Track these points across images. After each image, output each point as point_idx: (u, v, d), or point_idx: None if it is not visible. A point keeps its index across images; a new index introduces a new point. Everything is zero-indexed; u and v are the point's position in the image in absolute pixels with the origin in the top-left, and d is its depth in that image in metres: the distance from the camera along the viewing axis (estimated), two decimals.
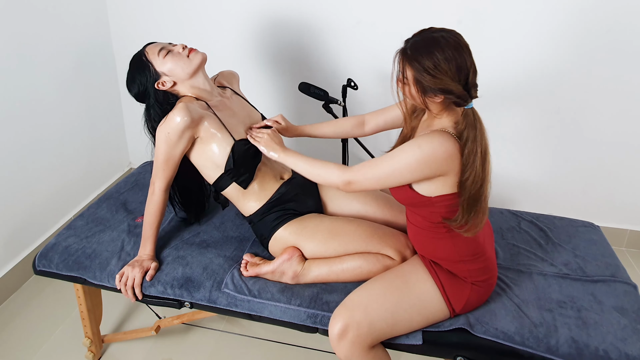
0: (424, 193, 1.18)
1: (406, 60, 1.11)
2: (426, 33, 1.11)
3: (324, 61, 2.27)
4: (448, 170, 1.12)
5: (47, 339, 1.83)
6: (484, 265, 1.25)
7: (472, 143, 1.09)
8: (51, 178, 2.20)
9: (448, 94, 1.09)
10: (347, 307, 1.22)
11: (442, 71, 1.06)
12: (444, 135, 1.12)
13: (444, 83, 1.07)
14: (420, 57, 1.08)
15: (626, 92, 2.03)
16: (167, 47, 1.44)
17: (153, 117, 1.47)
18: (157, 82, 1.44)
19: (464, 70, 1.08)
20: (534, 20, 1.98)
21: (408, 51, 1.10)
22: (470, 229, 1.16)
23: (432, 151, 1.10)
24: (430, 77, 1.07)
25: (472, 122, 1.11)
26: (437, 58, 1.06)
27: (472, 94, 1.11)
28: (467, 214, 1.14)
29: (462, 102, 1.11)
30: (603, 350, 1.18)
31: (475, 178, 1.10)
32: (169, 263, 1.48)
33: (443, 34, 1.09)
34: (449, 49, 1.07)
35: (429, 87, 1.09)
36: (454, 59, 1.07)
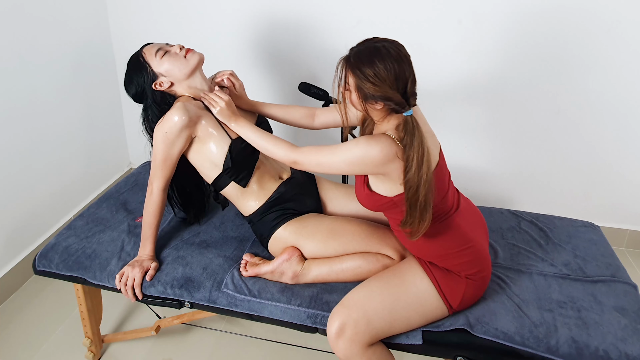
0: (382, 193, 1.22)
1: (349, 68, 1.15)
2: (369, 42, 1.16)
3: (324, 61, 2.27)
4: (388, 171, 1.17)
5: (47, 339, 1.83)
6: (473, 258, 1.27)
7: (410, 149, 1.14)
8: (51, 178, 2.20)
9: (387, 101, 1.14)
10: (345, 306, 1.23)
11: (382, 79, 1.11)
12: (384, 138, 1.16)
13: (383, 91, 1.12)
14: (361, 65, 1.12)
15: (626, 92, 2.03)
16: (164, 48, 1.44)
17: (151, 117, 1.47)
18: (155, 82, 1.44)
19: (403, 79, 1.13)
20: (533, 20, 1.98)
21: (351, 59, 1.15)
22: (413, 235, 1.19)
23: (368, 152, 1.15)
24: (370, 84, 1.12)
25: (411, 129, 1.15)
26: (377, 67, 1.11)
27: (410, 102, 1.16)
28: (409, 217, 1.17)
29: (400, 109, 1.16)
30: (603, 350, 1.18)
31: (412, 183, 1.14)
32: (169, 263, 1.48)
33: (385, 44, 1.14)
34: (389, 59, 1.11)
35: (369, 94, 1.14)
36: (393, 69, 1.11)
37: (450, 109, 2.23)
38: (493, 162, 2.32)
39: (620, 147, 2.14)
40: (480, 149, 2.31)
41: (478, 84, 2.15)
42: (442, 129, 2.26)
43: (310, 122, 1.56)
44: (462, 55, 2.11)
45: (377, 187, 1.23)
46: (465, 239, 1.27)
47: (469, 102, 2.21)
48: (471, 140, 2.29)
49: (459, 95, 2.20)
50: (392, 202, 1.21)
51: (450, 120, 2.26)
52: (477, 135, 2.28)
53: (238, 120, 1.39)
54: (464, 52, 2.11)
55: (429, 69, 2.15)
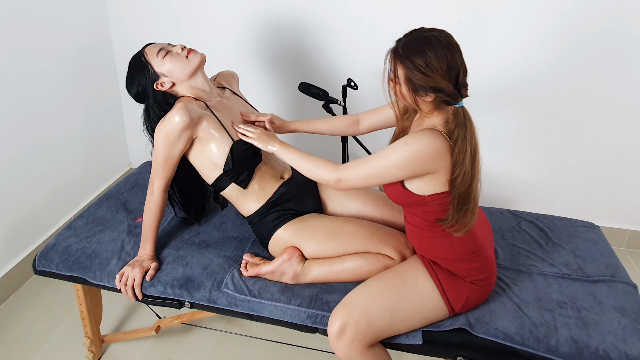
0: (416, 192, 1.18)
1: (397, 59, 1.12)
2: (417, 32, 1.12)
3: (324, 61, 2.27)
4: (437, 168, 1.13)
5: (47, 339, 1.83)
6: (482, 264, 1.26)
7: (462, 142, 1.11)
8: (51, 178, 2.20)
9: (439, 92, 1.10)
10: (346, 306, 1.22)
11: (434, 69, 1.08)
12: (433, 133, 1.13)
13: (435, 81, 1.09)
14: (411, 56, 1.09)
15: (626, 93, 2.03)
16: (166, 48, 1.44)
17: (152, 117, 1.47)
18: (156, 82, 1.43)
19: (455, 69, 1.10)
20: (533, 21, 1.98)
21: (400, 50, 1.11)
22: (460, 229, 1.17)
23: (420, 149, 1.11)
24: (421, 75, 1.08)
25: (462, 121, 1.12)
26: (428, 56, 1.07)
27: (463, 93, 1.13)
28: (457, 212, 1.15)
29: (453, 101, 1.12)
30: (603, 350, 1.18)
31: (465, 176, 1.11)
32: (169, 263, 1.48)
33: (434, 33, 1.10)
34: (440, 48, 1.08)
35: (420, 86, 1.10)
36: (445, 58, 1.08)
37: None
38: (493, 162, 2.32)
39: (620, 147, 2.14)
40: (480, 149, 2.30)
41: (478, 84, 2.14)
42: None
43: (355, 129, 1.54)
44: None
45: (413, 185, 1.18)
46: (478, 247, 1.25)
47: (469, 102, 2.19)
48: None
49: None
50: (423, 201, 1.19)
51: None
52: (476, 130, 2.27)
53: (281, 143, 1.36)
54: (463, 52, 2.10)
55: None
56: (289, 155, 1.33)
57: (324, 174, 1.25)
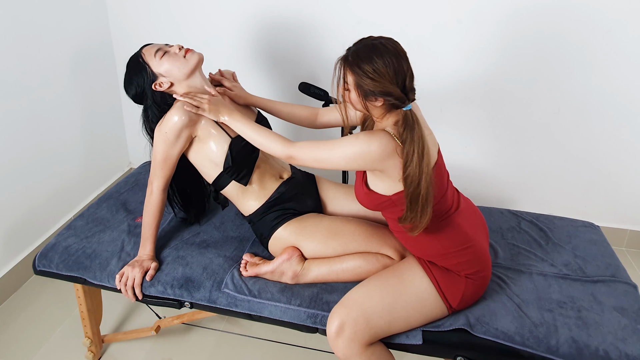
0: (380, 192, 1.22)
1: (347, 67, 1.16)
2: (366, 40, 1.17)
3: (324, 61, 2.27)
4: (386, 168, 1.17)
5: (47, 339, 1.83)
6: (473, 257, 1.27)
7: (410, 143, 1.14)
8: (51, 178, 2.20)
9: (387, 96, 1.14)
10: (344, 305, 1.23)
11: (381, 75, 1.12)
12: (382, 134, 1.17)
13: (383, 86, 1.13)
14: (360, 63, 1.13)
15: (626, 92, 2.03)
16: (163, 48, 1.44)
17: (151, 118, 1.47)
18: (155, 83, 1.43)
19: (402, 74, 1.14)
20: (533, 20, 1.98)
21: (349, 58, 1.16)
22: (414, 229, 1.19)
23: (368, 147, 1.16)
24: (370, 80, 1.13)
25: (411, 124, 1.15)
26: (376, 63, 1.12)
27: (410, 97, 1.17)
28: (410, 212, 1.17)
29: (400, 104, 1.16)
30: (603, 351, 1.18)
31: (413, 177, 1.14)
32: (169, 263, 1.48)
33: (381, 40, 1.15)
34: (387, 55, 1.12)
35: (369, 91, 1.14)
36: (392, 64, 1.12)
37: (450, 109, 2.23)
38: (493, 162, 2.32)
39: (620, 147, 2.13)
40: (480, 149, 2.31)
41: (478, 84, 2.15)
42: (442, 129, 2.26)
43: (312, 122, 1.57)
44: (462, 55, 2.11)
45: (376, 185, 1.23)
46: (466, 239, 1.27)
47: (469, 102, 2.21)
48: (471, 141, 2.29)
49: (459, 95, 2.20)
50: (390, 201, 1.22)
51: (450, 120, 2.26)
52: (477, 135, 2.28)
53: (232, 114, 1.38)
54: (463, 52, 2.11)
55: (429, 69, 2.15)
56: (242, 127, 1.36)
57: (276, 148, 1.29)
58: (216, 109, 1.39)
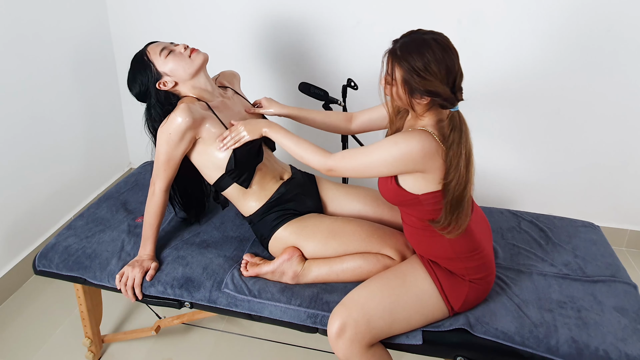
0: (410, 190, 1.19)
1: (396, 61, 1.11)
2: (416, 34, 1.11)
3: (324, 61, 2.27)
4: (426, 168, 1.14)
5: (47, 339, 1.83)
6: (481, 263, 1.26)
7: (457, 146, 1.11)
8: (51, 178, 2.20)
9: (435, 96, 1.10)
10: (345, 306, 1.23)
11: (432, 73, 1.07)
12: (423, 134, 1.13)
13: (432, 85, 1.08)
14: (410, 58, 1.08)
15: (627, 93, 2.03)
16: (168, 47, 1.44)
17: (154, 117, 1.47)
18: (159, 82, 1.43)
19: (453, 73, 1.09)
20: (534, 21, 1.98)
21: (398, 52, 1.10)
22: (453, 231, 1.18)
23: (408, 149, 1.11)
24: (419, 78, 1.08)
25: (458, 125, 1.12)
26: (427, 59, 1.07)
27: (459, 97, 1.13)
28: (450, 215, 1.15)
29: (449, 105, 1.12)
30: (603, 351, 1.18)
31: (459, 180, 1.11)
32: (169, 263, 1.48)
33: (433, 36, 1.10)
34: (439, 51, 1.07)
35: (417, 89, 1.10)
36: (444, 61, 1.07)
37: None
38: (493, 162, 2.32)
39: (620, 147, 2.14)
40: (480, 149, 2.31)
41: (478, 84, 2.15)
42: None
43: (348, 126, 1.54)
44: (462, 56, 2.09)
45: (407, 183, 1.19)
46: (476, 245, 1.25)
47: (469, 102, 2.19)
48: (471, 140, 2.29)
49: None
50: (417, 200, 1.19)
51: None
52: (477, 136, 2.26)
53: (271, 126, 1.36)
54: (464, 52, 2.08)
55: None
56: (281, 138, 1.33)
57: (315, 161, 1.26)
58: (254, 129, 1.37)
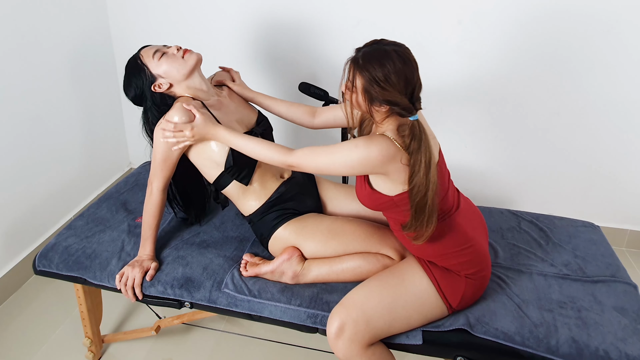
0: (382, 191, 1.21)
1: (357, 69, 1.13)
2: (378, 45, 1.14)
3: (324, 61, 2.27)
4: (387, 171, 1.17)
5: (47, 339, 1.83)
6: (473, 257, 1.27)
7: (417, 153, 1.13)
8: (51, 178, 2.20)
9: (394, 105, 1.13)
10: (344, 306, 1.23)
11: (391, 84, 1.10)
12: (382, 139, 1.15)
13: (391, 95, 1.11)
14: (371, 68, 1.11)
15: (626, 92, 2.03)
16: (161, 50, 1.44)
17: (151, 119, 1.47)
18: (154, 84, 1.43)
19: (412, 84, 1.12)
20: (533, 20, 1.98)
21: (360, 60, 1.13)
22: (418, 238, 1.19)
23: (366, 153, 1.15)
24: (379, 88, 1.11)
25: (418, 134, 1.14)
26: (387, 70, 1.09)
27: (417, 106, 1.15)
28: (415, 221, 1.17)
29: (407, 114, 1.15)
30: (603, 351, 1.18)
31: (420, 187, 1.13)
32: (169, 263, 1.48)
33: (395, 47, 1.12)
34: (399, 63, 1.10)
35: (376, 98, 1.13)
36: (404, 73, 1.10)
37: (450, 109, 2.23)
38: (493, 162, 2.32)
39: (620, 147, 2.13)
40: (481, 149, 2.31)
41: (478, 84, 2.15)
42: (442, 129, 2.26)
43: (310, 120, 1.56)
44: (462, 56, 2.11)
45: (378, 185, 1.22)
46: (466, 239, 1.26)
47: (469, 103, 2.21)
48: (471, 141, 2.29)
49: (459, 96, 2.20)
50: (392, 202, 1.21)
51: (450, 121, 2.26)
52: (477, 136, 2.28)
53: (217, 134, 1.34)
54: (464, 52, 2.11)
55: (429, 69, 2.15)
56: (234, 140, 1.32)
57: (276, 157, 1.28)
58: (200, 136, 1.35)
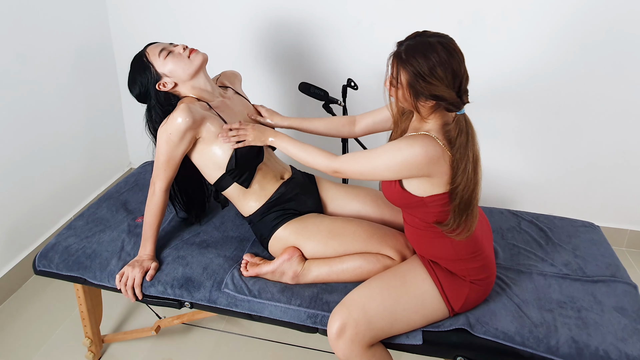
0: (415, 192, 1.18)
1: (401, 64, 1.09)
2: (421, 37, 1.10)
3: (324, 61, 2.27)
4: (431, 173, 1.13)
5: (47, 339, 1.83)
6: (482, 264, 1.26)
7: (464, 149, 1.10)
8: (51, 178, 2.20)
9: (440, 100, 1.09)
10: (345, 306, 1.23)
11: (438, 77, 1.06)
12: (426, 139, 1.12)
13: (438, 89, 1.07)
14: (415, 62, 1.07)
15: (626, 93, 2.03)
16: (168, 48, 1.44)
17: (154, 118, 1.47)
18: (159, 83, 1.43)
19: (459, 77, 1.08)
20: (534, 21, 1.98)
21: (403, 55, 1.09)
22: (462, 233, 1.17)
23: (411, 155, 1.11)
24: (425, 83, 1.07)
25: (464, 129, 1.11)
26: (433, 63, 1.05)
27: (464, 100, 1.12)
28: (458, 218, 1.15)
29: (454, 108, 1.11)
30: (603, 351, 1.18)
31: (468, 183, 1.10)
32: (169, 263, 1.48)
33: (439, 39, 1.08)
34: (445, 55, 1.06)
35: (422, 93, 1.09)
36: (450, 65, 1.06)
37: None
38: (493, 162, 2.32)
39: (620, 147, 2.14)
40: (480, 149, 2.30)
41: (478, 84, 2.14)
42: None
43: (351, 130, 1.54)
44: None
45: (411, 186, 1.18)
46: (478, 247, 1.26)
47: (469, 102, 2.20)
48: None
49: None
50: (422, 202, 1.18)
51: None
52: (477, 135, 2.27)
53: (276, 134, 1.37)
54: (463, 52, 2.10)
55: None
56: (287, 146, 1.35)
57: (322, 163, 1.27)
58: (260, 136, 1.38)
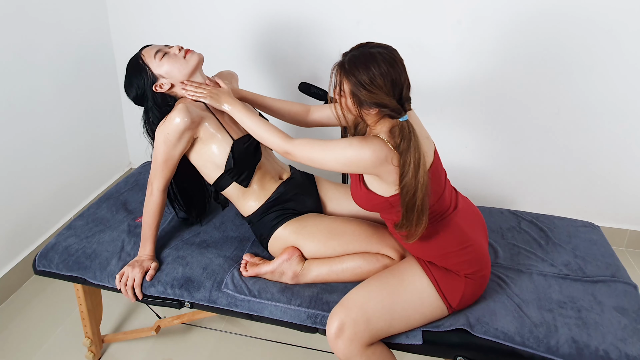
0: (378, 192, 1.22)
1: (343, 74, 1.14)
2: (364, 48, 1.15)
3: (324, 61, 2.27)
4: (379, 173, 1.17)
5: (47, 339, 1.83)
6: (472, 257, 1.27)
7: (406, 154, 1.14)
8: (51, 178, 2.20)
9: (382, 107, 1.13)
10: (344, 306, 1.23)
11: (378, 86, 1.11)
12: (375, 141, 1.16)
13: (379, 97, 1.12)
14: (357, 72, 1.11)
15: (626, 92, 2.03)
16: (163, 50, 1.44)
17: (152, 119, 1.47)
18: (155, 84, 1.43)
19: (399, 85, 1.13)
20: (533, 20, 1.98)
21: (346, 65, 1.14)
22: (410, 237, 1.19)
23: (359, 154, 1.15)
24: (366, 91, 1.11)
25: (407, 135, 1.14)
26: (373, 73, 1.10)
27: (406, 107, 1.16)
28: (405, 221, 1.17)
29: (396, 115, 1.15)
30: (603, 351, 1.18)
31: (409, 187, 1.13)
32: (169, 263, 1.48)
33: (379, 49, 1.13)
34: (385, 65, 1.11)
35: (364, 101, 1.13)
36: (389, 75, 1.11)
37: (450, 109, 2.23)
38: (493, 162, 2.32)
39: (620, 147, 2.14)
40: (481, 149, 2.31)
41: (478, 84, 2.15)
42: (442, 129, 2.26)
43: (303, 119, 1.55)
44: (462, 56, 2.11)
45: (373, 186, 1.23)
46: (465, 238, 1.27)
47: (469, 103, 2.21)
48: (471, 141, 2.29)
49: (459, 96, 2.20)
50: (387, 202, 1.21)
51: (450, 120, 2.26)
52: (477, 136, 2.28)
53: (234, 103, 1.38)
54: (463, 52, 2.11)
55: (429, 69, 2.15)
56: (243, 117, 1.35)
57: (275, 142, 1.29)
58: (217, 97, 1.39)
